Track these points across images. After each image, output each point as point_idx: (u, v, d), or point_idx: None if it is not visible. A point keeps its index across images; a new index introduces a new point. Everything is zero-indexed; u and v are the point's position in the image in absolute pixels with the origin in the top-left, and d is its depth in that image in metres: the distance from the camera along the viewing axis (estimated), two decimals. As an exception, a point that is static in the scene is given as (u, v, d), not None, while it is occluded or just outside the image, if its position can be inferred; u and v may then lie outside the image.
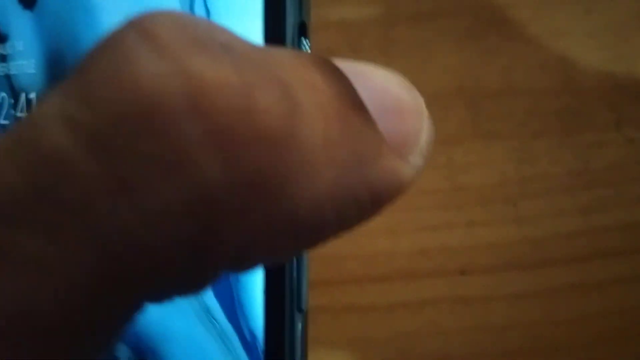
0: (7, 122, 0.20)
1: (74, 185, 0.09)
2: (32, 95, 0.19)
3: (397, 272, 0.25)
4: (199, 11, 0.17)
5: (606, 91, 0.25)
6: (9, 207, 0.09)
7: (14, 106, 0.19)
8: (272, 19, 0.16)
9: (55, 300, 0.09)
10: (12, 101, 0.19)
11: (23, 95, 0.19)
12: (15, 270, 0.09)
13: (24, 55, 0.19)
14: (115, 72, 0.09)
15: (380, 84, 0.11)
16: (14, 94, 0.19)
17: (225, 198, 0.09)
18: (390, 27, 0.25)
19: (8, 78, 0.19)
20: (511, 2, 0.25)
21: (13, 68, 0.19)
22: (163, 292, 0.10)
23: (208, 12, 0.17)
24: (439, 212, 0.25)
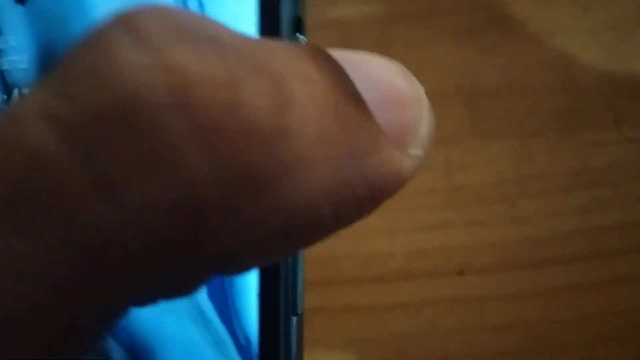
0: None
1: (53, 182, 0.08)
2: (25, 91, 0.19)
3: (394, 272, 0.25)
4: (193, 6, 0.17)
5: (605, 90, 0.24)
6: None
7: (7, 102, 0.19)
8: (267, 13, 0.16)
9: (35, 302, 0.08)
10: (5, 97, 0.19)
11: (16, 91, 0.19)
12: None
13: (17, 50, 0.19)
14: (97, 65, 0.09)
15: (377, 73, 0.11)
16: (7, 89, 0.19)
17: (212, 196, 0.09)
18: (388, 26, 0.25)
19: (1, 74, 0.19)
20: (510, 0, 0.25)
21: (5, 63, 0.19)
22: (149, 294, 0.10)
23: (202, 7, 0.17)
24: (436, 212, 0.25)
